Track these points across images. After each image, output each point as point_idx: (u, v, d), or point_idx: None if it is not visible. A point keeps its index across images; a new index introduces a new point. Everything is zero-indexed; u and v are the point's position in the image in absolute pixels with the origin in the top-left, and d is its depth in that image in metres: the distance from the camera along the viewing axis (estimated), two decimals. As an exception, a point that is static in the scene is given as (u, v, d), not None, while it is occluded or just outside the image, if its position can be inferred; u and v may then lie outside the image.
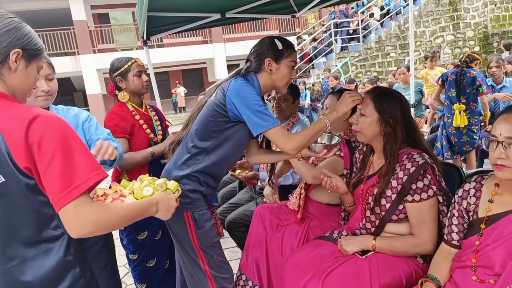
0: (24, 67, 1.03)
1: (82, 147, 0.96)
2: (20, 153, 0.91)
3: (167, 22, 3.17)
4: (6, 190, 0.93)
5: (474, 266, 1.21)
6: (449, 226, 1.39)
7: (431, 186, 1.48)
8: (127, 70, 2.10)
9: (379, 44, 12.16)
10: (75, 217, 0.92)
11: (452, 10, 12.38)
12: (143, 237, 2.14)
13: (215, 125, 1.62)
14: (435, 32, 12.35)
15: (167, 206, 1.22)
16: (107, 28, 16.89)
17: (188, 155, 1.65)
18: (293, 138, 1.55)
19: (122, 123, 2.04)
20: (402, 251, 1.54)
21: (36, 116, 0.92)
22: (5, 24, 0.99)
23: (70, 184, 0.91)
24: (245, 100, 1.55)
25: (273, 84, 1.70)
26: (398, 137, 1.55)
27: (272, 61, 1.64)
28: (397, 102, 1.60)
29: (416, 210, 1.49)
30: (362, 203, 1.64)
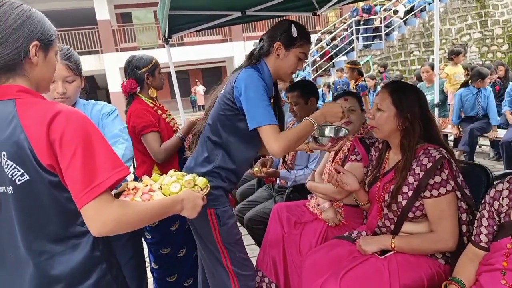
0: (44, 58, 1.01)
1: (103, 143, 0.95)
2: (43, 151, 0.90)
3: (188, 21, 3.20)
4: (31, 187, 0.93)
5: (504, 270, 1.16)
6: (478, 228, 1.33)
7: (449, 181, 1.44)
8: (155, 67, 2.17)
9: (402, 42, 11.91)
10: (96, 216, 0.91)
11: (480, 7, 12.00)
12: (166, 252, 2.16)
13: (226, 119, 1.60)
14: (461, 30, 12.00)
15: (192, 204, 1.19)
16: (130, 27, 17.21)
17: (206, 151, 1.64)
18: (282, 139, 1.47)
19: (150, 118, 2.09)
20: (422, 248, 1.50)
21: (58, 113, 0.91)
22: (17, 17, 0.95)
23: (91, 182, 0.90)
24: (249, 90, 1.50)
25: (278, 70, 1.65)
26: (416, 132, 1.51)
27: (282, 46, 1.59)
28: (414, 96, 1.56)
29: (435, 205, 1.45)
30: (378, 200, 1.61)
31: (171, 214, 1.12)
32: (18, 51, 0.95)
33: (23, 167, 0.92)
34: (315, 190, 2.13)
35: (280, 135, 1.47)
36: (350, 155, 1.99)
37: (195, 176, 1.36)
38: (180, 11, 2.80)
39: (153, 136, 2.07)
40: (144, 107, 2.14)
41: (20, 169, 0.92)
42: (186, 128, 2.16)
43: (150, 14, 18.53)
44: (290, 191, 2.52)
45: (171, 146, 2.11)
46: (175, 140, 2.13)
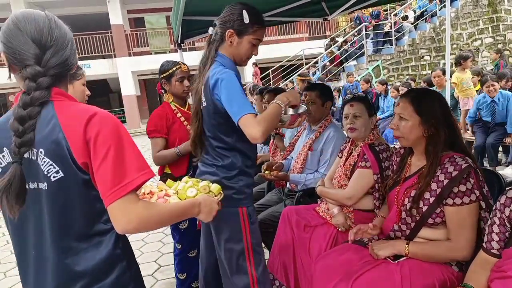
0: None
1: (133, 145, 0.99)
2: (79, 149, 0.94)
3: (200, 26, 3.24)
4: (64, 185, 0.97)
5: None
6: (489, 234, 1.33)
7: (474, 191, 1.43)
8: (171, 75, 2.26)
9: (413, 47, 11.85)
10: (122, 213, 0.94)
11: (492, 12, 11.88)
12: (184, 227, 2.30)
13: (223, 123, 1.61)
14: (472, 35, 11.89)
15: (209, 208, 1.24)
16: (142, 32, 17.44)
17: (225, 160, 1.67)
18: (260, 122, 1.46)
19: (159, 123, 2.24)
20: (437, 256, 1.49)
21: (95, 114, 0.97)
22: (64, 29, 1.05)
23: (120, 181, 0.93)
24: (226, 90, 1.51)
25: (233, 57, 1.64)
26: (441, 138, 1.51)
27: (234, 34, 1.57)
28: (436, 101, 1.56)
29: (456, 214, 1.44)
30: (397, 204, 1.60)
31: (189, 216, 1.19)
32: (76, 60, 1.08)
33: (59, 165, 0.96)
34: (325, 196, 2.14)
35: (257, 120, 1.47)
36: (360, 162, 1.99)
37: (208, 182, 1.42)
38: (193, 17, 2.85)
39: (155, 141, 2.25)
40: (162, 111, 2.29)
41: (56, 166, 0.96)
42: (186, 146, 2.15)
43: (162, 19, 18.75)
44: (300, 195, 2.53)
45: (165, 157, 2.22)
46: (171, 153, 2.21)
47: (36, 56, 0.97)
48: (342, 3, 3.37)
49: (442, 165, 1.48)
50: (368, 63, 11.84)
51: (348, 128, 2.05)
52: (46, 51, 0.98)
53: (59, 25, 1.03)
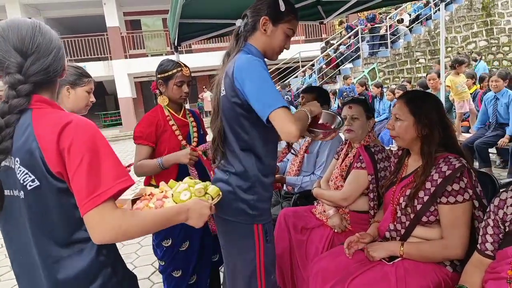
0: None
1: (109, 153, 0.97)
2: (52, 159, 0.93)
3: (198, 29, 3.25)
4: (41, 193, 0.96)
5: (510, 278, 1.18)
6: (483, 236, 1.35)
7: (467, 190, 1.46)
8: (170, 77, 2.04)
9: (408, 50, 11.94)
10: (97, 223, 0.92)
11: (486, 15, 12.00)
12: (167, 245, 2.10)
13: (242, 118, 1.44)
14: (467, 38, 12.00)
15: (198, 214, 1.16)
16: (139, 34, 17.43)
17: (240, 165, 1.50)
18: (296, 120, 1.32)
19: (148, 130, 2.02)
20: (431, 255, 1.51)
21: (68, 122, 0.94)
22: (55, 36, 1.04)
23: (95, 190, 0.92)
24: (251, 77, 1.35)
25: (264, 48, 1.51)
26: (435, 138, 1.55)
27: (269, 21, 1.45)
28: (430, 103, 1.60)
29: (450, 212, 1.47)
30: (393, 203, 1.63)
31: (176, 223, 1.11)
32: (63, 67, 1.06)
33: (34, 174, 0.95)
34: (321, 197, 2.16)
35: (294, 116, 1.33)
36: (355, 163, 2.01)
37: (207, 184, 1.35)
38: (190, 20, 2.86)
39: (139, 149, 2.03)
40: (153, 116, 2.07)
41: (31, 175, 0.96)
42: (171, 158, 1.95)
43: (158, 21, 18.76)
44: (296, 197, 2.54)
45: (146, 167, 1.99)
46: (152, 164, 1.97)
47: (18, 64, 0.97)
48: (338, 7, 3.39)
49: (437, 165, 1.51)
50: (364, 66, 11.91)
51: (345, 129, 2.06)
52: (27, 58, 0.98)
53: (44, 32, 1.02)
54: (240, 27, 1.52)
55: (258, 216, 1.51)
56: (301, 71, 14.04)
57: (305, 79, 13.40)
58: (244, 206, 1.49)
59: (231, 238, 1.57)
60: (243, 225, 1.51)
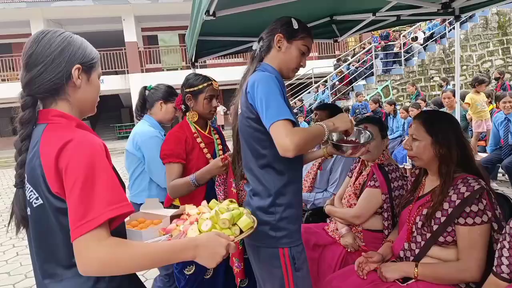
0: (86, 80, 1.04)
1: (107, 176, 0.90)
2: (52, 178, 0.90)
3: (214, 46, 3.32)
4: (44, 212, 0.94)
5: None
6: (499, 258, 1.33)
7: (486, 212, 1.45)
8: (200, 91, 1.97)
9: (422, 68, 11.90)
10: (82, 252, 0.85)
11: (502, 34, 11.93)
12: (190, 273, 1.94)
13: (259, 134, 1.40)
14: (482, 56, 11.92)
15: (210, 252, 0.99)
16: (156, 49, 17.84)
17: (260, 182, 1.43)
18: (294, 133, 1.26)
19: (177, 147, 1.92)
20: (446, 277, 1.49)
21: (69, 141, 0.90)
22: (58, 44, 0.99)
23: (84, 216, 0.85)
24: (260, 90, 1.34)
25: (280, 66, 1.51)
26: (453, 158, 1.54)
27: (283, 38, 1.48)
28: (447, 123, 1.61)
29: (467, 234, 1.45)
30: (409, 222, 1.62)
31: (181, 260, 0.98)
32: (61, 75, 0.99)
33: (38, 192, 0.94)
34: (334, 215, 2.15)
35: (293, 130, 1.27)
36: (369, 181, 2.01)
37: (240, 212, 1.19)
38: (207, 37, 2.93)
39: (171, 168, 1.90)
40: (180, 132, 1.97)
41: (35, 193, 0.95)
42: (203, 173, 1.82)
43: (175, 37, 19.20)
44: (309, 214, 2.54)
45: (179, 186, 1.85)
46: (184, 182, 1.84)
47: (22, 78, 1.00)
48: (352, 25, 3.43)
49: (455, 185, 1.50)
50: (377, 83, 11.90)
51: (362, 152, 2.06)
52: (25, 70, 0.99)
53: (44, 42, 0.99)
54: (256, 50, 1.55)
55: (282, 238, 1.38)
56: (314, 87, 14.10)
57: (318, 95, 13.44)
58: (266, 228, 1.39)
59: (259, 264, 1.46)
60: (267, 250, 1.40)
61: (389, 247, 1.75)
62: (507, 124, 4.78)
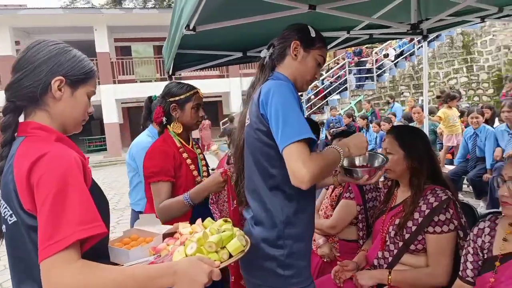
0: (70, 94, 0.99)
1: (79, 195, 0.85)
2: (24, 193, 0.85)
3: (192, 59, 3.35)
4: (18, 229, 0.89)
5: None
6: (464, 263, 1.43)
7: (453, 221, 1.55)
8: (187, 100, 1.82)
9: (393, 84, 12.36)
10: (49, 275, 0.79)
11: (466, 53, 12.59)
12: None
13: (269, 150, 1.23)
14: (448, 74, 12.51)
15: (190, 280, 0.90)
16: (129, 60, 17.62)
17: (266, 205, 1.24)
18: (315, 161, 1.11)
19: (165, 164, 1.71)
20: (417, 282, 1.57)
21: (43, 155, 0.85)
22: (46, 53, 0.97)
23: (52, 236, 0.80)
24: (275, 101, 1.18)
25: (295, 76, 1.36)
26: (424, 170, 1.63)
27: (300, 46, 1.34)
28: (418, 137, 1.71)
29: (435, 241, 1.54)
30: (382, 232, 1.69)
31: (158, 287, 0.89)
32: (38, 84, 0.95)
33: (11, 208, 0.89)
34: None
35: (312, 158, 1.11)
36: (345, 193, 2.07)
37: (232, 234, 1.06)
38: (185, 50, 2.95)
39: (158, 187, 1.67)
40: (165, 146, 1.78)
41: (9, 210, 0.90)
42: (200, 190, 1.64)
43: (149, 48, 19.06)
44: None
45: (173, 209, 1.64)
46: (178, 202, 1.64)
47: None
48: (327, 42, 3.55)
49: (425, 196, 1.60)
50: (351, 97, 12.24)
51: None
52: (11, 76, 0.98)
53: (35, 49, 0.98)
54: (265, 58, 1.40)
55: (292, 277, 1.20)
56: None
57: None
58: (273, 265, 1.21)
59: None
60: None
61: (363, 255, 1.81)
62: (475, 138, 5.04)
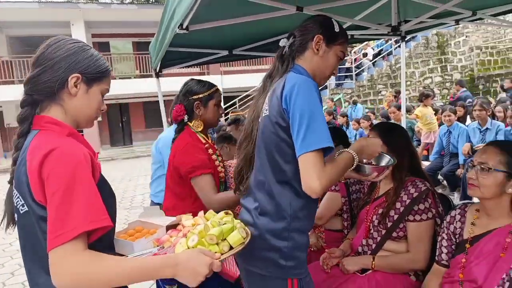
0: (85, 91, 1.04)
1: (87, 189, 0.90)
2: (35, 186, 0.90)
3: (179, 57, 3.39)
4: (29, 219, 0.94)
5: (461, 281, 1.40)
6: (440, 248, 1.58)
7: (431, 209, 1.69)
8: (210, 97, 1.84)
9: (371, 82, 12.68)
10: (57, 264, 0.85)
11: (440, 53, 13.04)
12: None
13: (284, 145, 1.23)
14: (424, 73, 12.94)
15: (191, 271, 0.93)
16: (107, 56, 17.31)
17: (273, 200, 1.26)
18: (325, 175, 1.13)
19: (204, 157, 1.74)
20: (398, 266, 1.70)
21: (53, 149, 0.90)
22: (66, 50, 1.02)
23: (61, 227, 0.85)
24: (302, 102, 1.16)
25: (314, 71, 1.33)
26: (405, 164, 1.75)
27: (323, 41, 1.31)
28: (399, 134, 1.83)
29: (415, 229, 1.68)
30: (366, 221, 1.82)
31: (160, 277, 0.96)
32: (56, 79, 1.01)
33: (24, 199, 0.95)
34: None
35: (325, 170, 1.14)
36: None
37: (233, 226, 1.09)
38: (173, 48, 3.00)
39: (205, 179, 1.67)
40: (196, 141, 1.79)
41: (21, 200, 0.96)
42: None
43: (128, 44, 18.78)
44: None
45: (227, 200, 1.64)
46: (235, 197, 1.59)
47: None
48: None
49: (406, 187, 1.73)
50: (331, 95, 12.47)
51: None
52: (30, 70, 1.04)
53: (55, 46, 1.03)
54: (284, 47, 1.37)
55: (293, 268, 1.23)
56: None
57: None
58: (276, 256, 1.23)
59: None
60: (273, 280, 1.25)
61: (348, 244, 1.93)
62: (448, 135, 5.29)
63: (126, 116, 19.33)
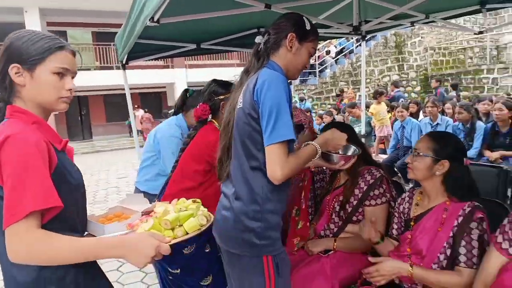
0: (30, 77, 1.05)
1: (39, 174, 0.96)
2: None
3: (145, 49, 3.37)
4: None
5: (409, 254, 1.58)
6: (392, 224, 1.78)
7: (385, 194, 1.87)
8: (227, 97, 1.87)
9: (334, 79, 13.07)
10: (12, 241, 0.93)
11: (398, 53, 13.68)
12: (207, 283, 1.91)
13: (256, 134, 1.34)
14: (383, 71, 13.52)
15: (138, 253, 0.99)
16: (65, 46, 16.55)
17: (247, 186, 1.36)
18: (287, 165, 1.26)
19: None
20: (357, 246, 1.87)
21: (8, 136, 0.97)
22: (4, 44, 1.07)
23: (14, 207, 0.92)
24: (271, 95, 1.27)
25: (288, 67, 1.45)
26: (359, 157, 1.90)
27: (295, 39, 1.42)
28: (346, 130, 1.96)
29: (372, 212, 1.86)
30: (328, 208, 1.99)
31: (107, 257, 1.00)
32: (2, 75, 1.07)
33: None
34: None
35: (287, 161, 1.27)
36: None
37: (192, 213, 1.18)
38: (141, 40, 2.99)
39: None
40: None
41: None
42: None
43: (87, 34, 18.07)
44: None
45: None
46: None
47: None
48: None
49: (362, 175, 1.90)
50: (295, 91, 12.73)
51: None
52: None
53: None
54: (260, 44, 1.46)
55: (267, 246, 1.33)
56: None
57: (239, 101, 13.83)
58: (250, 236, 1.33)
59: (239, 274, 1.42)
60: (249, 259, 1.35)
61: (312, 228, 2.07)
62: (402, 130, 5.63)
63: (85, 109, 18.65)
